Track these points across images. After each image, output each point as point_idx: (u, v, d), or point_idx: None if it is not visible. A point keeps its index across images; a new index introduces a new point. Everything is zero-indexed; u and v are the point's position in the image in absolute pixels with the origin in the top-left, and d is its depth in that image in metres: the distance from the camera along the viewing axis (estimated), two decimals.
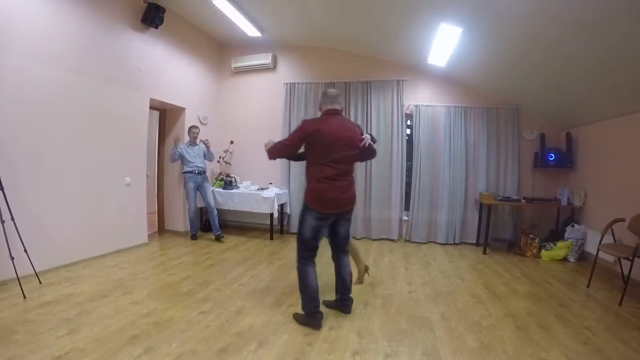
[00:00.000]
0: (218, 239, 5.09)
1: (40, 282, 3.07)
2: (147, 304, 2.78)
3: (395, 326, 2.57)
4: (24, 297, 2.75)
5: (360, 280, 3.42)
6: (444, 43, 4.15)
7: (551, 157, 4.98)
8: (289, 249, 4.77)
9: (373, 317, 2.71)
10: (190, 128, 5.12)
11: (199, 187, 5.09)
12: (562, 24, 3.07)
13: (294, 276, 3.57)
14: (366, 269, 3.45)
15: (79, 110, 3.70)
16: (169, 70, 4.99)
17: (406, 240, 5.51)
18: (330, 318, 2.65)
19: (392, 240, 5.48)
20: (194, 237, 5.19)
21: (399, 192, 5.46)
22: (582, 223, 4.62)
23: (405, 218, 5.53)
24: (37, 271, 3.09)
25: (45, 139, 3.38)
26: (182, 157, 5.02)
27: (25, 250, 2.98)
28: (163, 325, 2.44)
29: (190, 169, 5.01)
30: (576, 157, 4.86)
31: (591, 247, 4.26)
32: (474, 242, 5.30)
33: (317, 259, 2.58)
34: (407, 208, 5.55)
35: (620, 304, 3.05)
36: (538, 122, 5.27)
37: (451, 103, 5.40)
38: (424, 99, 5.49)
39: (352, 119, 5.55)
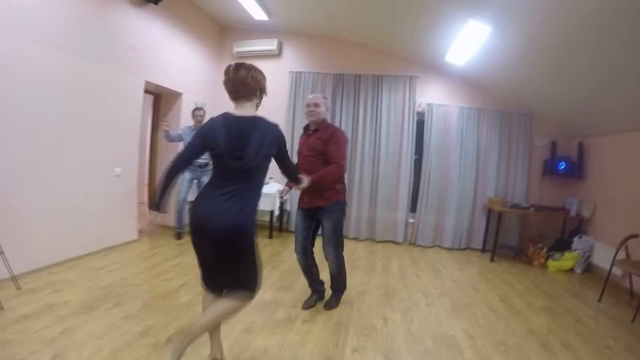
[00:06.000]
0: None
1: (18, 288, 2.68)
2: (142, 318, 2.45)
3: (421, 346, 2.39)
4: (1, 307, 2.38)
5: None
6: (469, 41, 3.89)
7: (561, 165, 4.87)
8: (291, 251, 4.42)
9: (396, 336, 2.51)
10: (194, 110, 4.54)
11: (197, 180, 4.60)
12: (587, 26, 2.89)
13: (301, 283, 3.35)
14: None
15: (65, 92, 3.24)
16: (166, 51, 4.54)
17: (411, 244, 5.32)
18: (351, 337, 2.44)
19: (397, 243, 5.28)
20: (178, 235, 4.56)
21: (406, 193, 5.24)
22: (590, 234, 4.55)
23: (411, 220, 5.33)
24: (15, 275, 2.70)
25: (25, 122, 2.92)
26: (184, 142, 4.41)
27: (2, 252, 2.58)
28: (163, 348, 2.10)
29: None
30: (587, 168, 4.77)
31: (598, 259, 4.28)
32: (480, 247, 5.16)
33: None
34: (413, 210, 5.36)
35: (633, 321, 3.03)
36: (550, 129, 5.12)
37: (464, 104, 5.19)
38: (436, 98, 5.26)
39: (361, 114, 5.31)
